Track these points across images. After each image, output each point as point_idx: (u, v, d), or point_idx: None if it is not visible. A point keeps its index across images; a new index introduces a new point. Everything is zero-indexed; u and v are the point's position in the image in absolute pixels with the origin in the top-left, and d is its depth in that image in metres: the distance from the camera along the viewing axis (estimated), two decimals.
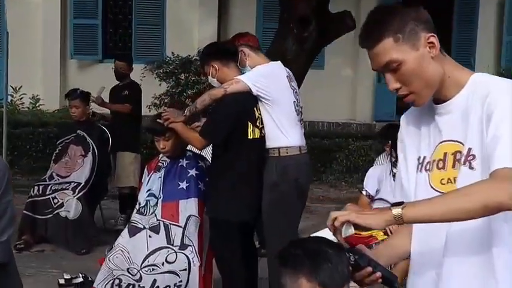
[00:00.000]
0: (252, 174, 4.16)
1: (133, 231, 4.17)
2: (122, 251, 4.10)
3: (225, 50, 4.35)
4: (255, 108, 4.16)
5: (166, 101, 11.44)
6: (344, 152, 9.65)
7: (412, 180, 2.02)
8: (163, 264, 4.03)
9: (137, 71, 10.78)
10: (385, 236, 4.36)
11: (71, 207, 6.01)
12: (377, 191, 4.76)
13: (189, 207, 4.20)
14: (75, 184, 6.16)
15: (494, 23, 13.08)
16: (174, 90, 11.55)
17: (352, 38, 10.14)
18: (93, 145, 6.35)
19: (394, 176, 4.75)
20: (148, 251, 4.09)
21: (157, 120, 4.20)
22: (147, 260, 4.07)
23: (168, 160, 4.39)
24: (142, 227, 4.18)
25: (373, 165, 5.77)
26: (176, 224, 4.16)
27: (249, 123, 4.12)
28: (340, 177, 9.59)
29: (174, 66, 11.70)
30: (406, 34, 1.84)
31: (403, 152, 2.08)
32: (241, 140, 4.10)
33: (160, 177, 4.32)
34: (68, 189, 6.14)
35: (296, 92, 4.33)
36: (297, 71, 5.55)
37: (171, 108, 4.28)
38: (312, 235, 1.93)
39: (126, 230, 4.21)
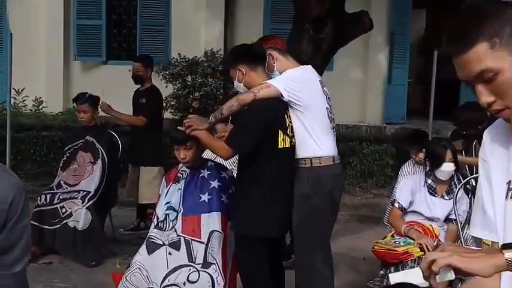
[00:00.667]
0: (283, 186, 3.87)
1: (152, 247, 3.88)
2: (139, 269, 3.82)
3: (253, 53, 4.04)
4: (285, 116, 3.87)
5: (172, 103, 11.19)
6: (358, 156, 9.36)
7: (499, 207, 1.72)
8: (184, 284, 3.75)
9: None
10: (422, 253, 4.09)
11: (80, 217, 5.71)
12: (410, 203, 4.47)
13: (211, 221, 3.91)
14: (85, 193, 5.86)
15: None
16: (180, 92, 11.31)
17: (362, 38, 9.90)
18: (103, 151, 6.04)
19: (428, 187, 4.47)
20: (169, 269, 3.80)
21: (179, 127, 3.92)
22: (167, 279, 3.78)
23: (188, 171, 4.10)
24: (161, 243, 3.89)
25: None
26: (198, 239, 3.87)
27: (280, 132, 3.82)
28: (354, 182, 9.29)
29: (181, 68, 11.42)
30: (504, 38, 1.54)
31: (487, 174, 1.78)
32: (271, 149, 3.80)
33: (180, 189, 4.03)
34: (76, 198, 5.83)
35: (329, 98, 4.04)
36: None
37: (193, 115, 3.98)
38: (394, 275, 1.63)
39: (144, 247, 3.92)
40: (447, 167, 4.38)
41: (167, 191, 4.09)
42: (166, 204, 4.04)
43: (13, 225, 2.14)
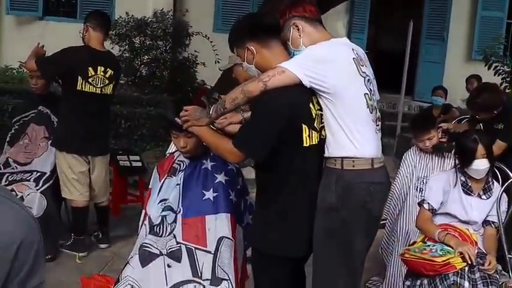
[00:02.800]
0: (311, 195, 3.03)
1: (147, 258, 3.09)
2: (132, 286, 3.04)
3: (262, 25, 3.08)
4: (310, 104, 2.98)
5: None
6: None
7: None
8: None
9: None
10: (464, 263, 3.48)
11: (33, 202, 4.82)
12: (441, 204, 3.85)
13: (219, 225, 3.17)
14: (39, 174, 4.97)
15: None
16: (127, 54, 10.39)
17: None
18: None
19: (463, 185, 3.85)
20: (168, 286, 3.04)
21: (176, 119, 3.11)
22: None
23: (186, 161, 3.33)
24: (158, 252, 3.11)
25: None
26: (203, 248, 3.12)
27: (304, 127, 2.95)
28: None
29: (128, 29, 10.47)
30: None
31: None
32: (293, 149, 2.95)
33: (178, 184, 3.26)
34: (29, 180, 4.95)
35: (369, 80, 3.09)
36: None
37: (192, 106, 3.09)
38: None
39: (136, 258, 3.11)
40: (479, 165, 3.74)
41: (161, 186, 3.32)
42: (161, 202, 3.26)
43: (21, 283, 1.37)
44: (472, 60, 11.96)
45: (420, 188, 4.66)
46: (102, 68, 4.99)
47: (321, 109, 3.01)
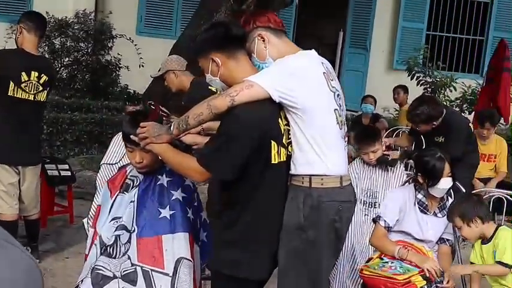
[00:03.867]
0: (276, 213, 2.89)
1: (99, 281, 2.86)
2: None
3: (228, 35, 2.87)
4: (279, 119, 2.84)
5: None
6: None
7: None
8: None
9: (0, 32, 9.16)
10: (424, 282, 3.44)
11: None
12: (397, 221, 3.79)
13: (177, 245, 2.98)
14: None
15: (391, 7, 12.64)
16: (47, 56, 9.98)
17: None
18: None
19: (419, 204, 3.80)
20: None
21: (131, 137, 2.92)
22: None
23: (140, 176, 3.13)
24: (111, 275, 2.89)
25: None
26: (160, 270, 2.93)
27: (273, 143, 2.80)
28: None
29: (49, 29, 10.04)
30: None
31: None
32: (261, 167, 2.79)
33: (132, 201, 3.05)
34: None
35: (338, 95, 2.98)
36: None
37: (150, 123, 2.88)
38: None
39: (87, 281, 2.88)
40: (444, 184, 3.72)
41: (112, 203, 3.10)
42: (113, 220, 3.05)
43: None
44: (393, 70, 12.19)
45: (364, 201, 4.63)
46: (36, 74, 4.68)
47: (288, 124, 2.89)
